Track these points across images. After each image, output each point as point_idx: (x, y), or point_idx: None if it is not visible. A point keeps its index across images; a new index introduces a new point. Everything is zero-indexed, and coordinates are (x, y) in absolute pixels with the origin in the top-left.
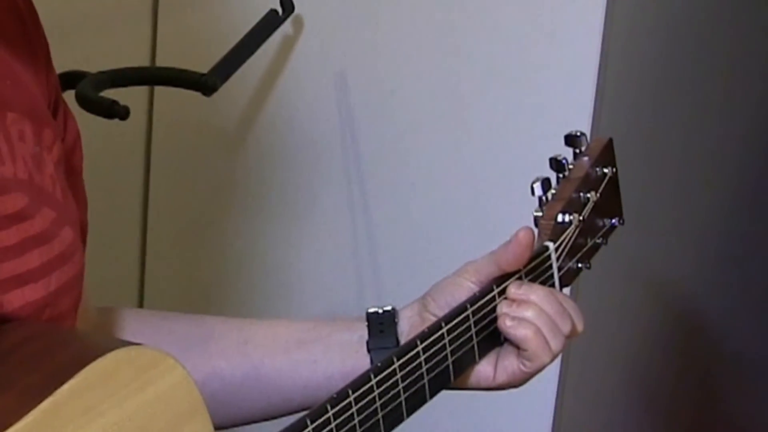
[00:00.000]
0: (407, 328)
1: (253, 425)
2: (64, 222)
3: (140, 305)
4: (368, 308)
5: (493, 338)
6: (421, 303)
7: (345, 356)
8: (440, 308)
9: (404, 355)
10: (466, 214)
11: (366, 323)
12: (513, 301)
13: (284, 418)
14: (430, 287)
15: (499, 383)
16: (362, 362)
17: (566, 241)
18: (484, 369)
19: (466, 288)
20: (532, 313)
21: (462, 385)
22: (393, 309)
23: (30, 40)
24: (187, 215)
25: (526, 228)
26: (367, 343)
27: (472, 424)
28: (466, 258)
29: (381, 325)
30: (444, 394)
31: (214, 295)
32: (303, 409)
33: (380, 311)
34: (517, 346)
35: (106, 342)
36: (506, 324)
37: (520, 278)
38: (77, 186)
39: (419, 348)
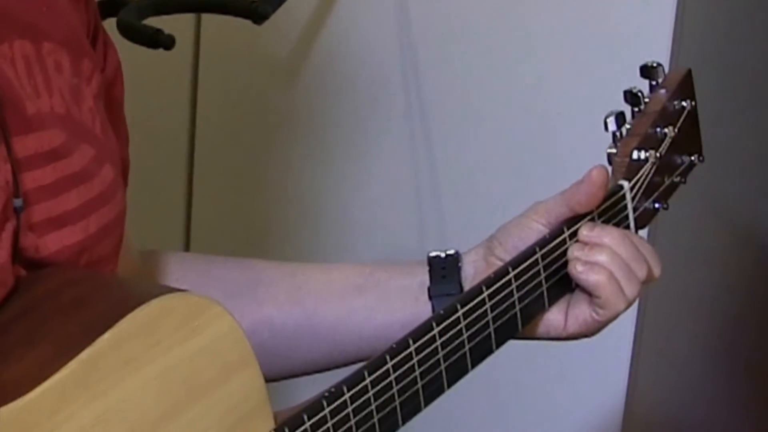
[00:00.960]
0: (472, 273)
1: (306, 378)
2: (104, 159)
3: (186, 248)
4: (430, 251)
5: (564, 284)
6: (487, 246)
7: (404, 303)
8: (507, 252)
9: (469, 302)
10: (535, 152)
11: (427, 268)
12: (585, 244)
13: (339, 371)
14: (496, 230)
15: (571, 333)
16: (423, 310)
17: (642, 179)
18: (555, 317)
19: (534, 230)
20: (605, 258)
21: (530, 334)
22: (456, 253)
23: None
24: (235, 153)
25: (600, 166)
26: (429, 289)
27: (542, 376)
28: (534, 198)
29: (443, 270)
30: (512, 344)
31: (264, 237)
32: (358, 360)
33: (443, 255)
34: (589, 293)
35: (149, 288)
36: (577, 269)
37: (592, 219)
38: (118, 120)
39: (485, 294)
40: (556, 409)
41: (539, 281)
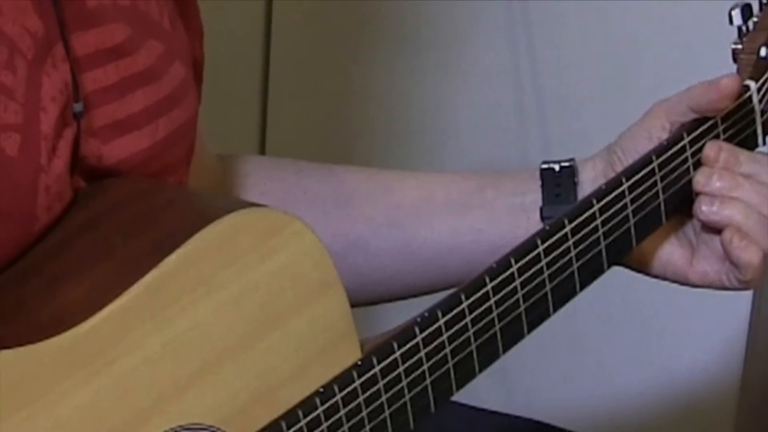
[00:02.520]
0: (590, 191)
1: (396, 302)
2: (173, 56)
3: (261, 152)
4: (542, 162)
5: (683, 196)
6: (606, 159)
7: (514, 224)
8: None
9: (577, 217)
10: (652, 48)
11: (539, 183)
12: (710, 171)
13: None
14: (616, 138)
15: (693, 283)
16: (535, 230)
17: None
18: (675, 263)
19: (654, 136)
20: (738, 212)
21: (645, 267)
22: (572, 164)
23: None
24: (315, 49)
25: (732, 76)
26: (541, 209)
27: (653, 310)
28: (654, 99)
29: (558, 187)
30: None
31: (347, 145)
32: None
33: (556, 167)
34: (717, 232)
35: (222, 203)
36: (702, 209)
37: (714, 125)
38: (189, 13)
39: (595, 208)
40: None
41: (656, 192)
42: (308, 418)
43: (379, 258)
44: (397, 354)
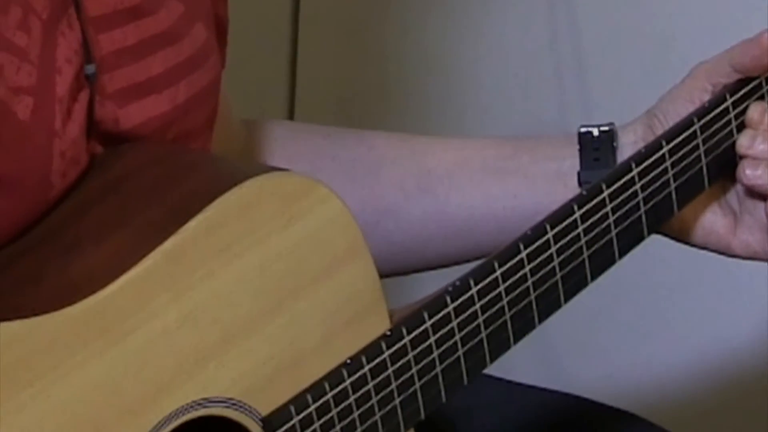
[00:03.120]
0: (630, 155)
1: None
2: (194, 17)
3: (290, 117)
4: (580, 126)
5: (726, 160)
6: (646, 123)
7: (551, 190)
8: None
9: (615, 182)
10: (694, 9)
11: (577, 147)
12: (758, 160)
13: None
14: (657, 101)
15: (737, 254)
16: (572, 196)
17: None
18: (718, 231)
19: (697, 96)
20: None
21: (686, 236)
22: (611, 128)
23: None
24: (343, 19)
25: None
26: (579, 174)
27: (694, 282)
28: (695, 61)
29: (596, 151)
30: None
31: (378, 106)
32: None
33: (595, 131)
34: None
35: (245, 167)
36: (746, 173)
37: (759, 86)
38: None
39: (634, 172)
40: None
41: (697, 156)
42: (335, 391)
43: (410, 225)
44: (428, 324)
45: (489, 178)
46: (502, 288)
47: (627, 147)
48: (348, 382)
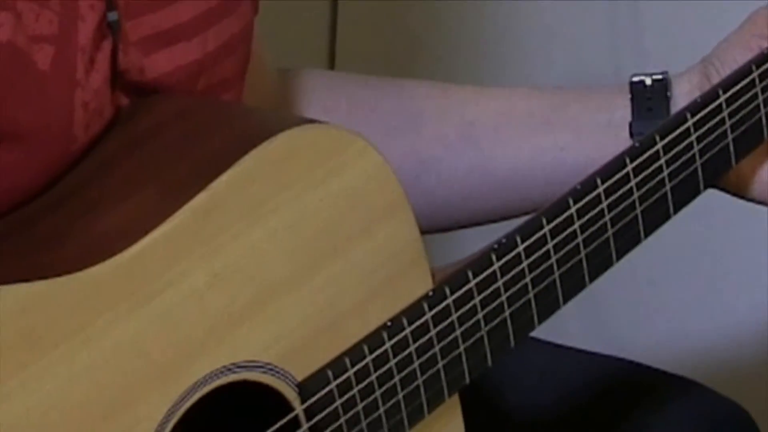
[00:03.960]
0: (684, 105)
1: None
2: None
3: (330, 66)
4: (632, 75)
5: None
6: (702, 71)
7: (602, 142)
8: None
9: (670, 133)
10: None
11: (629, 96)
12: None
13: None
14: (712, 49)
15: None
16: (624, 149)
17: None
18: None
19: (756, 43)
20: None
21: (743, 191)
22: (665, 77)
23: None
24: None
25: None
26: (631, 125)
27: (752, 242)
28: (754, 7)
29: (649, 101)
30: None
31: (419, 65)
32: None
33: (648, 80)
34: None
35: (278, 119)
36: None
37: None
38: None
39: (689, 123)
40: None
41: (756, 105)
42: (375, 354)
43: (452, 179)
44: (472, 284)
45: (535, 130)
46: (550, 245)
47: (681, 97)
48: (388, 345)
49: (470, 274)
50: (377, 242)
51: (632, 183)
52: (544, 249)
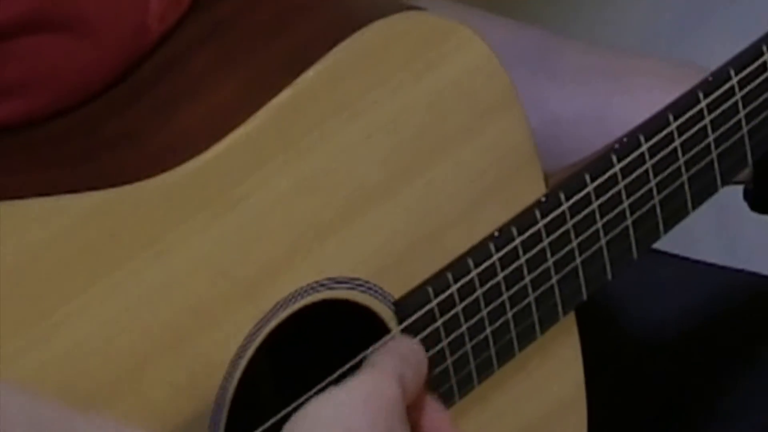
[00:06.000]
0: None
1: None
2: None
3: None
4: None
5: None
6: None
7: None
8: None
9: (745, 67)
10: None
11: None
12: None
13: None
14: None
15: None
16: None
17: None
18: None
19: None
20: None
21: None
22: None
23: None
24: None
25: None
26: None
27: None
28: None
29: None
30: None
31: None
32: None
33: None
34: None
35: (372, 5)
36: None
37: None
38: None
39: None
40: None
41: None
42: (481, 268)
43: (567, 125)
44: (590, 188)
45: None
46: (677, 143)
47: None
48: (495, 257)
49: (588, 178)
50: (484, 142)
51: (706, 120)
52: (670, 148)
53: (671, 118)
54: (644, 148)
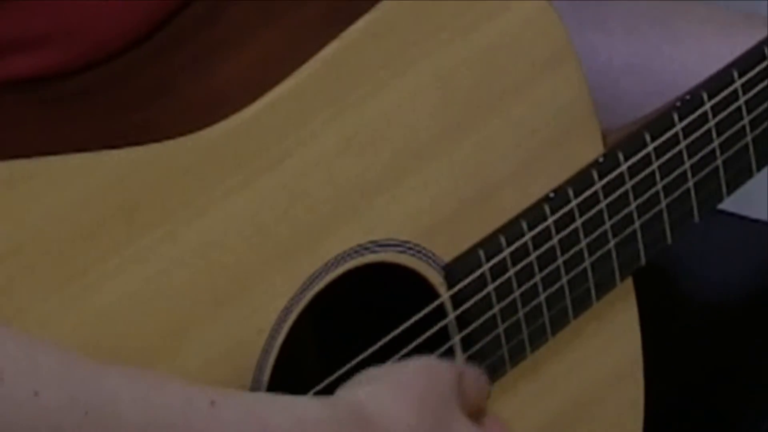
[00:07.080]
0: None
1: None
2: None
3: None
4: None
5: None
6: None
7: None
8: None
9: None
10: None
11: None
12: None
13: None
14: None
15: None
16: None
17: None
18: None
19: None
20: None
21: None
22: None
23: None
24: None
25: None
26: None
27: None
28: None
29: None
30: None
31: None
32: None
33: None
34: None
35: None
36: None
37: None
38: None
39: None
40: None
41: None
42: (535, 231)
43: (613, 75)
44: (651, 148)
45: (713, 35)
46: (742, 101)
47: None
48: (551, 220)
49: (648, 137)
50: (538, 99)
51: None
52: (734, 105)
53: (736, 75)
54: (707, 106)
